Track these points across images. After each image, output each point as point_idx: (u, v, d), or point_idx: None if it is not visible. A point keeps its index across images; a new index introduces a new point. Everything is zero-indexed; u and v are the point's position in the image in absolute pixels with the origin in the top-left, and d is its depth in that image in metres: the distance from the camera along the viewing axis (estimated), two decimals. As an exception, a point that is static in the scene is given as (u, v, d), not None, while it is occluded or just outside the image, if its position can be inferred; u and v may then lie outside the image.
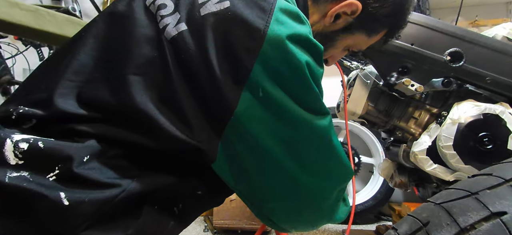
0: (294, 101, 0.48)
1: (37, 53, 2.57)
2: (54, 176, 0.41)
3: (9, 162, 0.41)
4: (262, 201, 0.56)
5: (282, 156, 0.50)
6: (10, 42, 2.52)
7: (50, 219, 0.39)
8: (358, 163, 2.19)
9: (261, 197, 0.55)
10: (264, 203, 0.56)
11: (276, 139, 0.49)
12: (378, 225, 1.95)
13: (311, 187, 0.55)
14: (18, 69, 2.76)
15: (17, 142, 0.42)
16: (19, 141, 0.42)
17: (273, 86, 0.46)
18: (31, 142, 0.42)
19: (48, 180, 0.41)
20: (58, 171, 0.41)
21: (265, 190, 0.54)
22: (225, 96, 0.45)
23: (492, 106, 0.99)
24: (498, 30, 1.12)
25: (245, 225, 1.96)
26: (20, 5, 1.02)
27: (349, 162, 0.59)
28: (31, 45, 2.50)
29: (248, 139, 0.48)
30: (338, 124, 2.21)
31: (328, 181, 0.57)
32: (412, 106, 1.16)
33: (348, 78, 1.31)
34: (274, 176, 0.52)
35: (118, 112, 0.46)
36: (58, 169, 0.41)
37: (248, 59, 0.45)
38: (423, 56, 1.03)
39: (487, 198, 0.49)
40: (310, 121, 0.50)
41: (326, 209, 0.60)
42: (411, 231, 0.53)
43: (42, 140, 0.42)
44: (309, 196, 0.56)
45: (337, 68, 1.13)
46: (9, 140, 0.42)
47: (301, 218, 0.59)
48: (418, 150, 1.06)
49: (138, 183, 0.45)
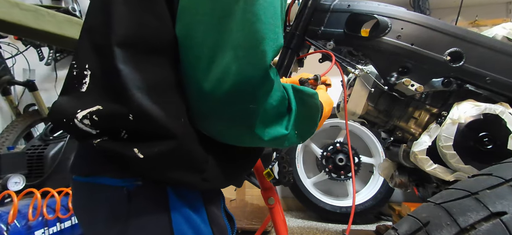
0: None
1: (37, 53, 2.58)
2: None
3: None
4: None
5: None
6: (10, 42, 2.52)
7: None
8: (358, 163, 2.19)
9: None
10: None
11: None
12: (378, 225, 1.95)
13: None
14: (18, 69, 2.76)
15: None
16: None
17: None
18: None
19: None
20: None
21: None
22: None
23: (492, 106, 0.99)
24: (498, 30, 1.12)
25: (245, 225, 1.96)
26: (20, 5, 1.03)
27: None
28: (31, 45, 2.51)
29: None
30: (338, 124, 2.21)
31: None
32: (412, 106, 1.16)
33: (348, 78, 1.31)
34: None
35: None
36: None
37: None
38: (423, 56, 1.03)
39: (487, 198, 0.49)
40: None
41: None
42: (411, 231, 0.53)
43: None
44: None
45: (337, 68, 1.13)
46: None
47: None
48: (418, 150, 1.06)
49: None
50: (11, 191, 1.31)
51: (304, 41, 1.15)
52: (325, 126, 2.17)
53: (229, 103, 0.48)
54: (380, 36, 1.05)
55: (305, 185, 2.21)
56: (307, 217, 2.33)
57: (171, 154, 0.48)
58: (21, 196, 1.28)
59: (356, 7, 1.09)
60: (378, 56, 1.07)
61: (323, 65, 1.32)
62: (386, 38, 1.05)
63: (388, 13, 1.06)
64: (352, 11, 1.09)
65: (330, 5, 1.12)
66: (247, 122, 0.50)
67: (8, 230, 1.15)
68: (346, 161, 2.16)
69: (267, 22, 0.47)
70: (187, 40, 0.48)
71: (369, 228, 2.07)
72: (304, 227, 2.11)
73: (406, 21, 1.05)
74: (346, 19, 1.09)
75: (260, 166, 1.06)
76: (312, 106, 0.63)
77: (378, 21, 1.06)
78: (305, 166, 2.36)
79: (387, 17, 1.06)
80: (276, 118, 0.54)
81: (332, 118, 2.12)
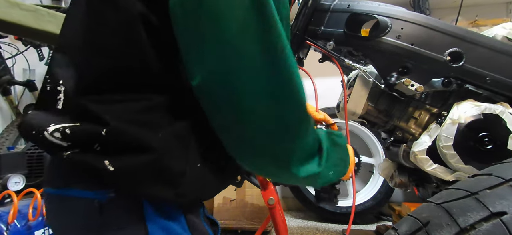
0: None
1: (37, 53, 2.58)
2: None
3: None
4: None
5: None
6: (10, 42, 2.52)
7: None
8: (358, 163, 2.19)
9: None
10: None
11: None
12: (378, 225, 1.95)
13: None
14: (18, 69, 2.76)
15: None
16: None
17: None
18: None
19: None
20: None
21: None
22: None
23: (492, 106, 0.99)
24: (498, 30, 1.12)
25: (245, 225, 1.96)
26: (20, 5, 1.03)
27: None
28: (31, 45, 2.51)
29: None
30: (338, 124, 2.21)
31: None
32: (412, 106, 1.16)
33: (348, 78, 1.31)
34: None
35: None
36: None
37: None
38: (423, 56, 1.03)
39: (487, 198, 0.49)
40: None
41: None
42: (411, 231, 0.53)
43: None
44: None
45: (337, 68, 1.13)
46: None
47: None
48: (418, 150, 1.06)
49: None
50: (11, 191, 1.31)
51: (304, 41, 1.15)
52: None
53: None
54: (380, 36, 1.05)
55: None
56: (307, 217, 2.33)
57: (143, 169, 0.47)
58: (21, 196, 1.28)
59: (356, 7, 1.09)
60: (378, 56, 1.07)
61: (324, 65, 1.32)
62: (386, 38, 1.05)
63: (388, 13, 1.06)
64: (352, 11, 1.09)
65: (330, 5, 1.12)
66: (285, 160, 0.53)
67: (8, 230, 1.15)
68: (346, 161, 2.16)
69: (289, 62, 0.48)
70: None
71: (369, 228, 2.07)
72: (304, 227, 2.11)
73: (406, 21, 1.05)
74: (346, 19, 1.09)
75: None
76: (341, 146, 0.68)
77: (378, 21, 1.06)
78: (305, 166, 2.36)
79: (387, 17, 1.06)
80: (310, 156, 0.57)
81: (332, 118, 2.12)
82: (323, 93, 2.37)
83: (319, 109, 0.93)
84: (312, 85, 0.96)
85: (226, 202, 2.02)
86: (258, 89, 0.46)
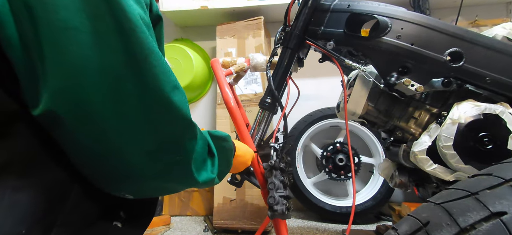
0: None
1: (37, 53, 2.58)
2: None
3: None
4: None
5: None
6: (10, 42, 2.52)
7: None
8: (358, 163, 2.19)
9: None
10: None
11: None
12: (378, 225, 1.95)
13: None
14: (18, 69, 2.76)
15: None
16: None
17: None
18: None
19: None
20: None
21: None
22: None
23: (492, 106, 0.99)
24: (498, 30, 1.12)
25: (245, 225, 1.96)
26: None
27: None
28: (31, 45, 2.51)
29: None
30: (338, 124, 2.21)
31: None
32: (412, 106, 1.16)
33: (348, 78, 1.31)
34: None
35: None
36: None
37: None
38: (423, 56, 1.03)
39: (487, 198, 0.49)
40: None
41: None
42: (411, 231, 0.53)
43: None
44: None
45: (337, 68, 1.13)
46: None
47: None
48: (418, 150, 1.06)
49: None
50: (11, 191, 1.31)
51: (304, 41, 1.15)
52: (325, 126, 2.17)
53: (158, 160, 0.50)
54: (380, 36, 1.06)
55: (305, 185, 2.21)
56: (307, 217, 2.33)
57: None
58: (21, 196, 1.28)
59: (356, 7, 1.09)
60: (378, 56, 1.07)
61: (323, 65, 1.32)
62: (386, 38, 1.05)
63: (388, 13, 1.06)
64: (352, 11, 1.09)
65: (330, 5, 1.12)
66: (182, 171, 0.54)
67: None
68: (346, 161, 2.16)
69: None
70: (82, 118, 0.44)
71: (369, 228, 2.07)
72: (304, 227, 2.11)
73: (406, 21, 1.05)
74: (346, 19, 1.09)
75: (260, 166, 1.06)
76: (228, 149, 0.73)
77: (378, 21, 1.06)
78: (305, 166, 2.36)
79: (387, 17, 1.06)
80: (203, 163, 0.60)
81: (332, 118, 2.12)
82: (323, 94, 2.37)
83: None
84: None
85: (226, 202, 2.02)
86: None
